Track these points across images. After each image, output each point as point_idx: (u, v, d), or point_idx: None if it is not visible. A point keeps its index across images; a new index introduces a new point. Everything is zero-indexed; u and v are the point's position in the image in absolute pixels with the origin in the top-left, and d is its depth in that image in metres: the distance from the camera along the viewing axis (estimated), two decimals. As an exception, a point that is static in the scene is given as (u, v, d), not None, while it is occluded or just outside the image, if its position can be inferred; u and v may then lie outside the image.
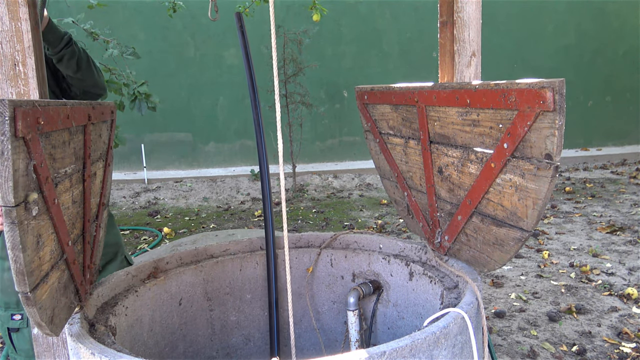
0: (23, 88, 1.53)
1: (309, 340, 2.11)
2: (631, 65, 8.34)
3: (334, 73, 7.72)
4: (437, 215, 1.67)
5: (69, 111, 1.27)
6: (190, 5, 6.07)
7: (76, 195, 1.37)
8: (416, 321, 1.80)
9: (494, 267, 1.48)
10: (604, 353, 2.74)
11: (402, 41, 7.85)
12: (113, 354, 1.18)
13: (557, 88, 1.12)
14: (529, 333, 2.99)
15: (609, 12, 8.25)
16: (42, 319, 1.11)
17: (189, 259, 1.94)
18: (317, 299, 2.08)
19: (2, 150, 0.96)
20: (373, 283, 1.92)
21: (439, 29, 1.85)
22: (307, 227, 5.36)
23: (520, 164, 1.27)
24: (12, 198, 0.98)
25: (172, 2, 4.80)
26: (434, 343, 1.18)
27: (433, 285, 1.69)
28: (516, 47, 8.04)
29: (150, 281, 1.75)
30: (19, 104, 1.00)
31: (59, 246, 1.23)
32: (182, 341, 1.85)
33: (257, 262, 2.03)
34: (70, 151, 1.32)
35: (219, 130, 7.64)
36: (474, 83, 1.38)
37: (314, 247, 2.08)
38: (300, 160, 7.19)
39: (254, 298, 2.03)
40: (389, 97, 1.80)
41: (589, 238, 4.60)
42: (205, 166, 7.69)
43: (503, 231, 1.39)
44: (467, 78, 1.80)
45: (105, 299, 1.59)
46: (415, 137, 1.71)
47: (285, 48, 6.65)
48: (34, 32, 1.53)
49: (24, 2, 1.49)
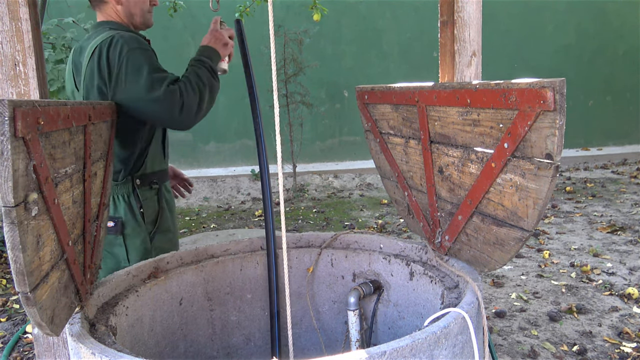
0: (23, 88, 1.53)
1: (310, 340, 2.11)
2: (631, 65, 8.34)
3: (335, 73, 7.72)
4: (438, 215, 1.67)
5: (69, 111, 1.27)
6: (190, 5, 6.07)
7: (76, 195, 1.37)
8: (417, 321, 1.80)
9: (495, 267, 1.48)
10: (605, 353, 2.74)
11: (402, 41, 7.85)
12: (114, 354, 1.18)
13: (558, 88, 1.12)
14: (529, 333, 2.99)
15: (609, 12, 8.24)
16: (43, 319, 1.11)
17: (190, 259, 1.94)
18: (318, 298, 2.08)
19: (2, 150, 0.96)
20: (373, 283, 1.92)
21: (440, 28, 1.85)
22: (308, 227, 5.36)
23: (521, 163, 1.27)
24: (12, 198, 0.98)
25: (173, 1, 4.80)
26: (434, 343, 1.18)
27: (434, 285, 1.69)
28: (516, 46, 8.04)
29: (150, 281, 1.75)
30: (19, 104, 1.00)
31: (59, 246, 1.23)
32: (182, 341, 1.85)
33: (258, 262, 2.03)
34: (71, 151, 1.32)
35: (219, 130, 7.64)
36: (474, 83, 1.38)
37: (315, 247, 2.08)
38: (300, 160, 7.19)
39: (255, 298, 2.03)
40: (389, 96, 1.80)
41: (590, 238, 4.60)
42: (205, 166, 7.69)
43: (503, 231, 1.38)
44: (468, 78, 1.80)
45: (105, 298, 1.59)
46: (416, 136, 1.70)
47: (285, 48, 6.65)
48: (34, 32, 1.53)
49: (24, 2, 1.49)
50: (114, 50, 1.87)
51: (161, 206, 2.19)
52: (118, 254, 2.08)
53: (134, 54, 1.86)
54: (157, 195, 2.18)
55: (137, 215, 2.08)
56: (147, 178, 2.13)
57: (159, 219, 2.17)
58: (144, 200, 2.11)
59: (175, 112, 1.84)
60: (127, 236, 2.07)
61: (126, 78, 1.85)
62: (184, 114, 1.85)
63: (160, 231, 2.17)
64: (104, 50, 1.88)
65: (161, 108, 1.83)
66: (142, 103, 1.84)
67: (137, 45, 1.89)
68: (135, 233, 2.08)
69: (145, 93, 1.83)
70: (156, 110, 1.84)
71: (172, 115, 1.84)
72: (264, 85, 4.05)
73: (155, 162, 2.17)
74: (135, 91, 1.84)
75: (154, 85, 1.82)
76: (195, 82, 1.90)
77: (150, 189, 2.14)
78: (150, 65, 1.86)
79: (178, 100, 1.83)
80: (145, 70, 1.84)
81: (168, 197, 2.26)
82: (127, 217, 2.06)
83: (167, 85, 1.83)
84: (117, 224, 2.05)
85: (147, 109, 1.86)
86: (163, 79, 1.85)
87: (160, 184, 2.19)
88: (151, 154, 2.13)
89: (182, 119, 1.87)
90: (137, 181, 2.08)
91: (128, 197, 2.07)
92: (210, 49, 2.05)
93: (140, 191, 2.10)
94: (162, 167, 2.22)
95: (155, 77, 1.84)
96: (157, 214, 2.17)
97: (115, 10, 2.07)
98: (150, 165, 2.14)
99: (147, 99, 1.83)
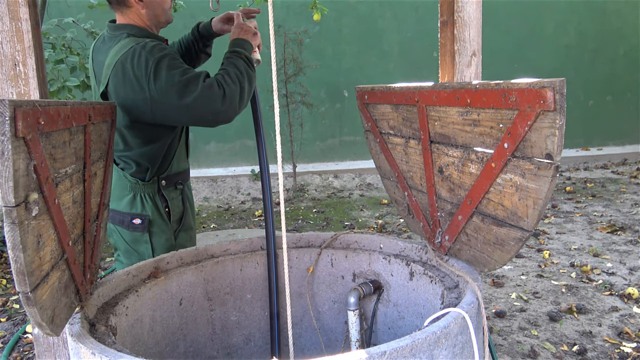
0: (23, 88, 1.53)
1: (310, 340, 2.11)
2: (632, 65, 8.34)
3: (335, 73, 7.72)
4: (438, 215, 1.67)
5: (69, 111, 1.27)
6: (190, 5, 6.07)
7: (77, 195, 1.37)
8: (417, 321, 1.80)
9: (495, 267, 1.48)
10: (605, 353, 2.74)
11: (402, 41, 7.84)
12: (114, 354, 1.18)
13: (558, 88, 1.12)
14: (529, 333, 2.99)
15: (609, 12, 8.24)
16: (43, 319, 1.11)
17: (190, 259, 1.94)
18: (318, 298, 2.08)
19: (3, 150, 0.96)
20: (373, 283, 1.92)
21: (440, 28, 1.85)
22: (308, 227, 5.36)
23: (521, 163, 1.27)
24: (13, 198, 0.98)
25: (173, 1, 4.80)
26: (434, 343, 1.18)
27: (434, 285, 1.69)
28: (516, 46, 8.04)
29: (150, 281, 1.75)
30: (20, 104, 1.00)
31: (59, 246, 1.23)
32: (182, 341, 1.85)
33: (258, 262, 2.03)
34: (71, 151, 1.32)
35: (220, 129, 7.63)
36: (474, 83, 1.38)
37: (315, 247, 2.08)
38: (300, 160, 7.19)
39: (255, 298, 2.03)
40: (389, 96, 1.80)
41: (590, 238, 4.60)
42: (205, 166, 7.69)
43: (503, 231, 1.38)
44: (468, 78, 1.80)
45: (105, 298, 1.59)
46: (416, 136, 1.71)
47: (285, 48, 6.65)
48: (34, 32, 1.53)
49: (24, 2, 1.49)
50: (138, 65, 1.81)
51: (185, 206, 2.23)
52: (143, 252, 2.10)
53: (159, 63, 1.81)
54: (182, 195, 2.22)
55: (163, 214, 2.11)
56: (172, 179, 2.16)
57: (183, 218, 2.22)
58: (170, 200, 2.14)
59: (218, 104, 1.79)
60: (153, 234, 2.09)
61: (160, 95, 1.80)
62: (226, 104, 1.80)
63: (184, 229, 2.22)
64: (128, 65, 1.83)
65: (203, 103, 1.79)
66: (185, 110, 1.80)
67: (160, 54, 1.83)
68: (161, 231, 2.11)
69: (180, 99, 1.78)
70: (199, 109, 1.80)
71: (215, 107, 1.80)
72: (264, 85, 4.05)
73: (180, 162, 2.20)
74: (169, 101, 1.80)
75: (189, 86, 1.78)
76: (233, 72, 1.87)
77: (175, 189, 2.18)
78: (178, 68, 1.82)
79: (218, 91, 1.79)
80: (176, 76, 1.79)
81: (190, 195, 2.31)
82: (154, 215, 2.09)
83: (202, 81, 1.80)
84: (144, 222, 2.07)
85: (190, 113, 1.81)
86: (197, 76, 1.81)
87: (184, 184, 2.23)
88: (177, 155, 2.16)
89: (226, 109, 1.81)
90: (162, 182, 2.11)
91: (154, 196, 2.09)
92: (242, 40, 2.04)
93: (165, 191, 2.12)
94: (185, 167, 2.25)
95: (188, 78, 1.80)
96: (182, 213, 2.22)
97: (139, 14, 2.02)
98: (176, 166, 2.17)
99: (185, 105, 1.79)
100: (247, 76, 1.91)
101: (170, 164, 2.12)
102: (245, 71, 1.92)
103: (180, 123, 1.98)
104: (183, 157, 2.22)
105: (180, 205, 2.21)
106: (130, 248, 2.11)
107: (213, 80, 1.82)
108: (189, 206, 2.27)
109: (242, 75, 1.89)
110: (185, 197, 2.24)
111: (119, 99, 1.88)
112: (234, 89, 1.83)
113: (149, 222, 2.07)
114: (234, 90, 1.83)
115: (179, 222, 2.20)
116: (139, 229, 2.06)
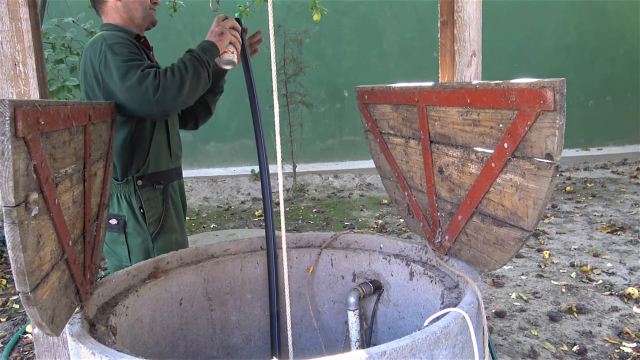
0: (23, 88, 1.54)
1: (310, 340, 2.11)
2: (632, 65, 8.34)
3: (335, 73, 7.72)
4: (438, 215, 1.67)
5: (69, 111, 1.27)
6: (190, 5, 6.07)
7: (77, 195, 1.37)
8: (417, 321, 1.80)
9: (495, 267, 1.48)
10: (605, 353, 2.74)
11: (402, 41, 7.85)
12: (114, 354, 1.18)
13: (558, 88, 1.12)
14: (529, 333, 2.99)
15: (609, 12, 8.24)
16: (43, 319, 1.11)
17: (190, 259, 1.94)
18: (318, 298, 2.08)
19: (3, 150, 0.96)
20: (373, 283, 1.92)
21: (440, 28, 1.85)
22: (308, 227, 5.36)
23: (521, 163, 1.27)
24: (13, 198, 0.98)
25: (173, 1, 4.80)
26: (434, 343, 1.18)
27: (433, 285, 1.69)
28: (516, 46, 8.04)
29: (150, 281, 1.75)
30: (20, 104, 1.00)
31: (59, 246, 1.23)
32: (182, 341, 1.85)
33: (258, 262, 2.03)
34: (71, 151, 1.32)
35: (219, 129, 7.64)
36: (474, 83, 1.38)
37: (315, 247, 2.08)
38: (300, 160, 7.19)
39: (255, 298, 2.03)
40: (389, 96, 1.80)
41: (590, 238, 4.60)
42: (205, 166, 7.69)
43: (503, 231, 1.39)
44: (468, 78, 1.80)
45: (105, 298, 1.59)
46: (416, 136, 1.71)
47: (285, 48, 6.65)
48: (34, 32, 1.53)
49: (24, 2, 1.49)
50: (94, 52, 1.91)
51: (166, 207, 2.18)
52: (120, 253, 2.09)
53: (110, 49, 1.88)
54: (163, 195, 2.18)
55: (138, 215, 2.08)
56: (150, 178, 2.13)
57: (162, 219, 2.17)
58: (146, 201, 2.10)
59: (149, 93, 1.80)
60: (128, 235, 2.08)
61: (106, 76, 1.88)
62: (159, 94, 1.81)
63: (164, 232, 2.17)
64: (88, 53, 1.95)
65: (138, 90, 1.81)
66: (124, 93, 1.83)
67: (115, 41, 1.91)
68: (136, 232, 2.08)
69: (121, 82, 1.83)
70: (134, 94, 1.82)
71: (147, 96, 1.81)
72: (263, 85, 4.05)
73: (160, 162, 2.16)
74: (113, 84, 1.85)
75: (129, 72, 1.83)
76: (177, 67, 1.90)
77: (153, 189, 2.14)
78: (126, 55, 1.87)
79: (152, 81, 1.81)
80: (119, 60, 1.85)
81: (175, 196, 2.25)
82: (129, 216, 2.08)
83: (142, 70, 1.83)
84: (120, 222, 2.06)
85: (126, 96, 1.83)
86: (139, 65, 1.85)
87: (166, 184, 2.19)
88: (154, 155, 2.13)
89: (159, 100, 1.82)
90: (138, 182, 2.09)
91: (129, 196, 2.08)
92: (205, 42, 2.09)
93: (141, 191, 2.09)
94: (169, 166, 2.21)
95: (131, 64, 1.85)
96: (161, 215, 2.17)
97: (115, 7, 2.08)
98: (154, 166, 2.14)
99: (124, 88, 1.82)
100: (192, 73, 1.92)
101: (145, 163, 2.09)
102: (193, 68, 1.93)
103: (122, 105, 1.93)
104: (165, 157, 2.18)
105: (159, 207, 2.15)
106: (109, 249, 2.11)
107: (152, 71, 1.84)
108: (172, 208, 2.21)
109: (186, 72, 1.90)
110: (167, 198, 2.18)
111: (85, 85, 1.99)
112: (170, 82, 1.84)
113: (125, 223, 2.07)
114: (171, 83, 1.84)
115: (156, 224, 2.14)
116: (115, 229, 2.06)
